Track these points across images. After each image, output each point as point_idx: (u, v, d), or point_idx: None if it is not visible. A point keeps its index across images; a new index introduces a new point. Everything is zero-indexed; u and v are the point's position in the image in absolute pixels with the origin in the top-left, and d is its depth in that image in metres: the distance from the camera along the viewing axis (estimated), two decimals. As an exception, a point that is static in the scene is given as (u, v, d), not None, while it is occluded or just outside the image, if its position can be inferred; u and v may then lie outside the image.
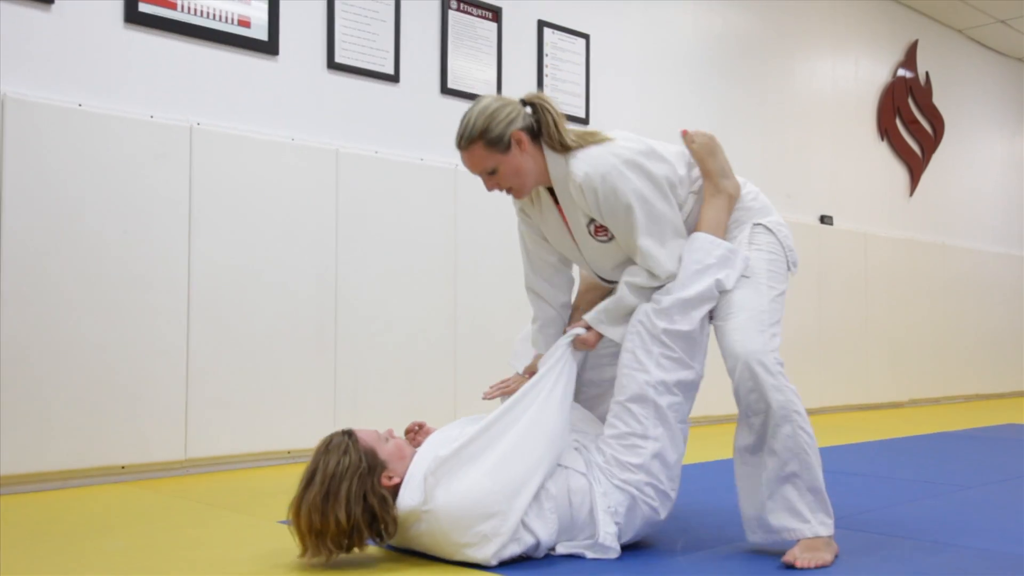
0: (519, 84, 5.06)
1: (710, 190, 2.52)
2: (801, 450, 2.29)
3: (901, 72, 7.85)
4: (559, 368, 2.44)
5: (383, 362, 4.29)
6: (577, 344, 2.50)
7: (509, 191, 2.48)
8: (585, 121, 5.36)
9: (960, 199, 8.55)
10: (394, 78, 4.52)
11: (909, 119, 7.93)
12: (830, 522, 2.30)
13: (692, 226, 2.53)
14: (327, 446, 2.23)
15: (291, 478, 3.44)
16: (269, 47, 4.08)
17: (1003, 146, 9.19)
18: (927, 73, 8.15)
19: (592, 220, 2.46)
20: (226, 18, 3.95)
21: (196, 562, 2.29)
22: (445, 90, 4.72)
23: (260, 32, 4.05)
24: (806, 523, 2.27)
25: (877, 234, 7.37)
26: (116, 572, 2.20)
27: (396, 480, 2.22)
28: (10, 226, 3.30)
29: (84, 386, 3.43)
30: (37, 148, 3.38)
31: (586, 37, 5.39)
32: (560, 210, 2.52)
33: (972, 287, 8.37)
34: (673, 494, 2.39)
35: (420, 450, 2.33)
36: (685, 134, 2.59)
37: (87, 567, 2.26)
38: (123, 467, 3.53)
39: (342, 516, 2.11)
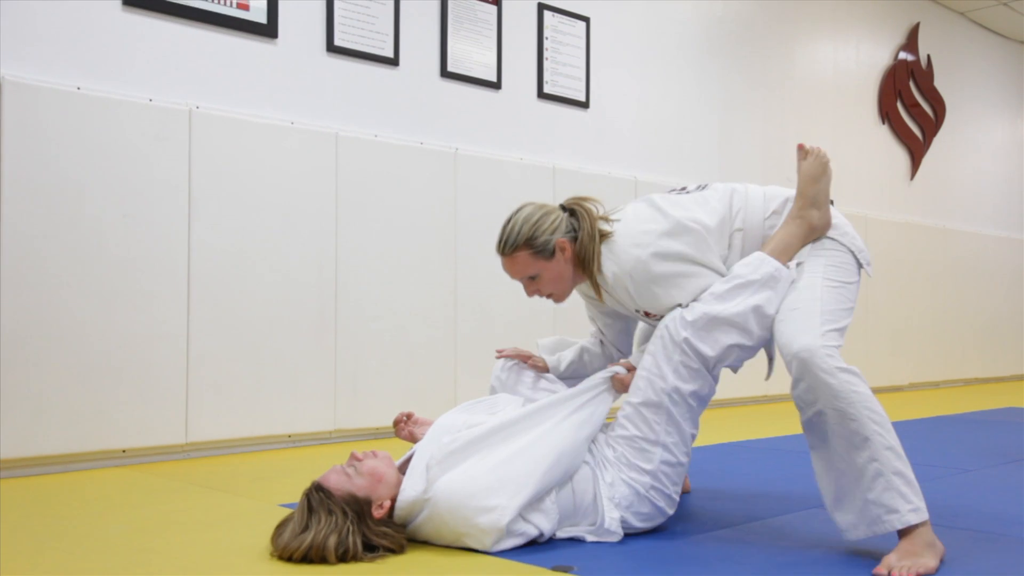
0: (519, 67, 5.04)
1: (793, 213, 2.43)
2: (868, 435, 2.12)
3: (902, 55, 7.82)
4: (590, 395, 2.43)
5: (383, 345, 4.29)
6: (615, 384, 2.47)
7: (550, 296, 2.54)
8: (585, 104, 5.35)
9: (961, 183, 8.54)
10: (394, 61, 4.50)
11: (910, 102, 7.91)
12: (923, 505, 2.09)
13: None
14: (307, 506, 2.13)
15: (292, 461, 3.45)
16: (268, 30, 4.07)
17: (1004, 129, 9.17)
18: (928, 56, 8.12)
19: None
20: (225, 1, 3.93)
21: (197, 545, 2.29)
22: (445, 73, 4.71)
23: (259, 15, 4.04)
24: (895, 513, 2.07)
25: (878, 218, 7.36)
26: (117, 555, 2.21)
27: (387, 505, 2.19)
28: (9, 210, 3.29)
29: (84, 370, 3.43)
30: (36, 132, 3.37)
31: (586, 20, 5.37)
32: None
33: (973, 271, 8.37)
34: (677, 497, 2.40)
35: (423, 439, 2.31)
36: (801, 148, 2.50)
37: (88, 550, 2.26)
38: (124, 451, 3.54)
39: (335, 561, 2.07)
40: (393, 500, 2.21)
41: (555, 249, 2.45)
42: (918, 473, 2.12)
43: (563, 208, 2.52)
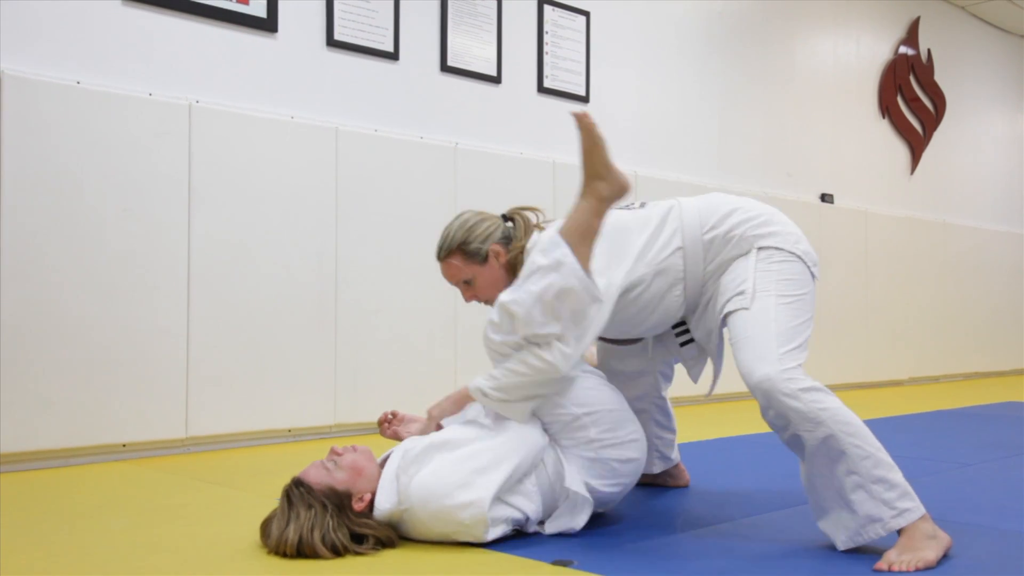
0: (519, 62, 5.04)
1: (582, 189, 2.24)
2: (843, 448, 2.11)
3: (903, 49, 7.81)
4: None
5: (383, 339, 4.29)
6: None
7: (486, 302, 2.53)
8: (585, 99, 5.34)
9: (961, 177, 8.53)
10: (394, 56, 4.50)
11: (910, 96, 7.90)
12: (912, 505, 2.08)
13: (663, 304, 2.46)
14: (287, 501, 2.15)
15: (291, 456, 3.46)
16: (268, 24, 4.06)
17: (1005, 124, 9.16)
18: (929, 50, 8.11)
19: None
20: (224, -5, 3.92)
21: (197, 539, 2.30)
22: (445, 68, 4.70)
23: (259, 9, 4.03)
24: (878, 521, 2.08)
25: (878, 212, 7.36)
26: (117, 549, 2.21)
27: (367, 498, 2.19)
28: (9, 205, 3.29)
29: (84, 364, 3.43)
30: (36, 126, 3.37)
31: (586, 15, 5.36)
32: None
33: (973, 265, 8.36)
34: (630, 450, 2.40)
35: (392, 453, 2.30)
36: (576, 117, 2.20)
37: (88, 544, 2.26)
38: (124, 445, 3.54)
39: (327, 554, 2.08)
40: (374, 493, 2.21)
41: (488, 255, 2.49)
42: (918, 467, 2.13)
43: (504, 217, 2.56)
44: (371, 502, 2.21)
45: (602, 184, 2.20)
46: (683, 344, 2.69)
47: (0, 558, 2.11)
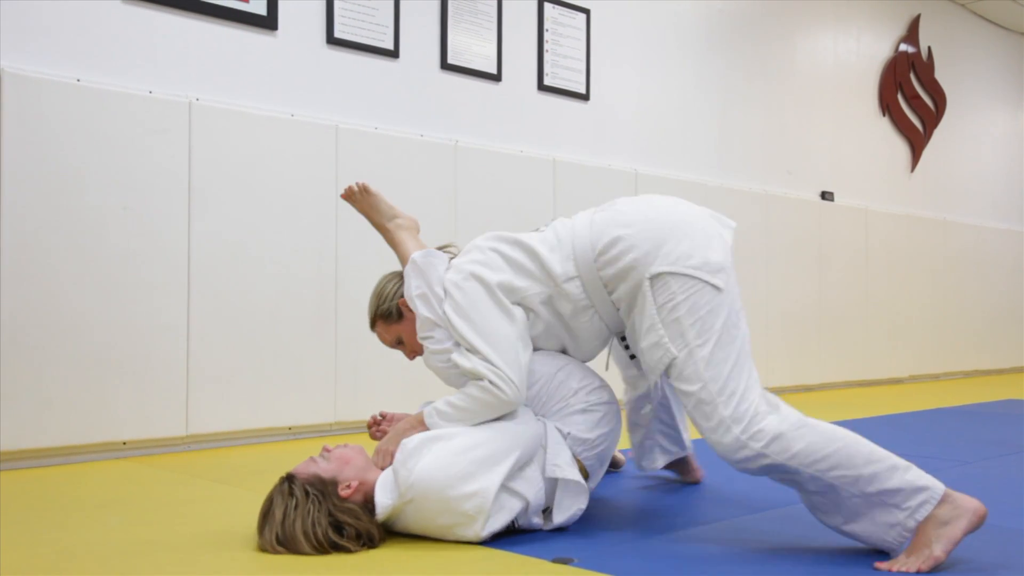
0: (520, 59, 5.04)
1: (394, 233, 2.70)
2: (830, 483, 2.07)
3: (903, 47, 7.81)
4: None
5: (384, 338, 4.28)
6: None
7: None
8: (585, 97, 5.34)
9: (961, 175, 8.53)
10: (394, 53, 4.49)
11: (911, 94, 7.90)
12: (922, 499, 2.02)
13: (583, 327, 2.43)
14: (269, 498, 2.17)
15: (292, 454, 3.46)
16: (268, 22, 4.06)
17: (1005, 122, 9.15)
18: (929, 48, 8.10)
19: None
20: (224, -7, 3.92)
21: (197, 537, 2.30)
22: (445, 65, 4.70)
23: (259, 7, 4.03)
24: (891, 532, 2.06)
25: (878, 210, 7.36)
26: (117, 547, 2.21)
27: (354, 484, 2.20)
28: (10, 202, 3.29)
29: (85, 362, 3.43)
30: (36, 124, 3.37)
31: (586, 12, 5.36)
32: None
33: (973, 263, 8.36)
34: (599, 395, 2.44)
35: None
36: (345, 196, 2.77)
37: (88, 542, 2.27)
38: (124, 443, 3.54)
39: (306, 546, 2.08)
40: (361, 483, 2.21)
41: (400, 310, 2.57)
42: (919, 465, 2.11)
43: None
44: (358, 490, 2.20)
45: (399, 220, 2.73)
46: (632, 357, 2.65)
47: (0, 555, 2.11)
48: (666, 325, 2.21)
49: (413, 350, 2.61)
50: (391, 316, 2.59)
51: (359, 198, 2.74)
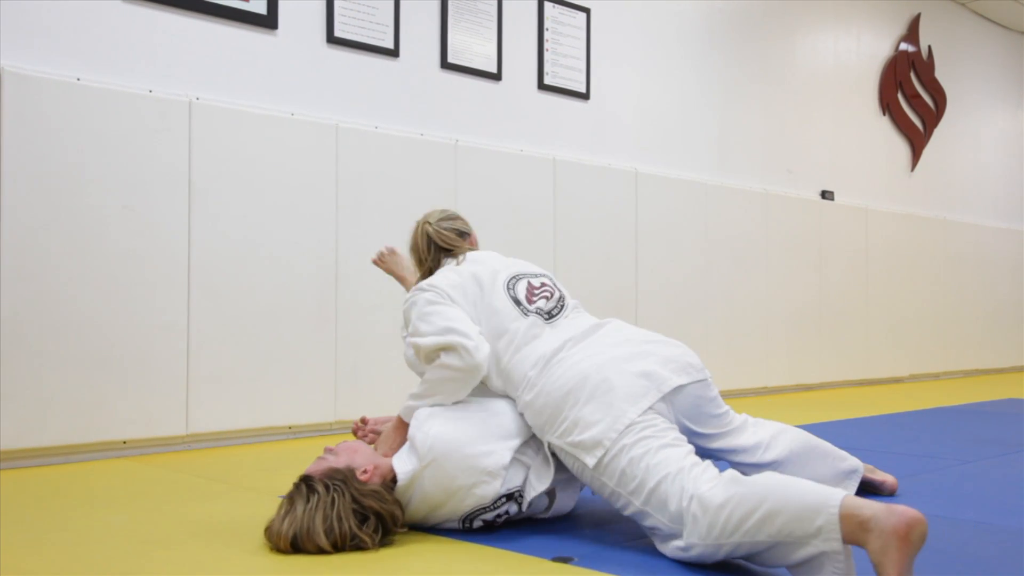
0: (520, 59, 5.04)
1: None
2: (749, 533, 1.88)
3: (903, 46, 7.81)
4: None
5: (384, 335, 4.28)
6: None
7: None
8: (585, 96, 5.34)
9: (962, 174, 8.53)
10: (394, 53, 4.49)
11: (911, 93, 7.90)
12: (821, 523, 1.78)
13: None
14: (288, 499, 2.16)
15: (292, 453, 3.46)
16: (268, 21, 4.06)
17: (1005, 121, 9.15)
18: (929, 47, 8.10)
19: None
20: (224, -8, 3.92)
21: (197, 536, 2.30)
22: (445, 65, 4.70)
23: (259, 6, 4.03)
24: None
25: (878, 209, 7.36)
26: (118, 546, 2.21)
27: (370, 469, 2.22)
28: (9, 201, 3.29)
29: (85, 361, 3.43)
30: (36, 123, 3.36)
31: (587, 12, 5.36)
32: None
33: (973, 262, 8.37)
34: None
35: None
36: (376, 261, 3.15)
37: (89, 541, 2.27)
38: (125, 442, 3.54)
39: (326, 543, 2.07)
40: (376, 466, 2.23)
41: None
42: (919, 464, 2.12)
43: None
44: (375, 473, 2.22)
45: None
46: None
47: (1, 555, 2.11)
48: (615, 487, 2.16)
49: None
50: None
51: (388, 259, 3.06)
